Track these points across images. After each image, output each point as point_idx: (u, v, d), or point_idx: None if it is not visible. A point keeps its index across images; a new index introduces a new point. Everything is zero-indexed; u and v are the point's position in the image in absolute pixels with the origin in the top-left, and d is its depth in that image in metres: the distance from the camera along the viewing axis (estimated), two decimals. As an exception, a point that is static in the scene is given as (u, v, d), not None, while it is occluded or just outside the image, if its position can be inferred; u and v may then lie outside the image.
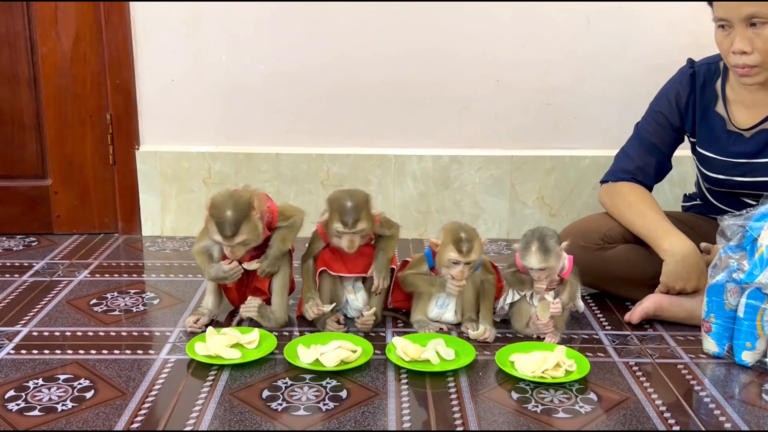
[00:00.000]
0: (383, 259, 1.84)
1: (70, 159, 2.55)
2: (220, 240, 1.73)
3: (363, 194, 1.80)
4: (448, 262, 1.77)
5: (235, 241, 1.71)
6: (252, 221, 1.73)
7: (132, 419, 1.45)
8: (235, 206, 1.71)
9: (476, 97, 2.53)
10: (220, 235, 1.71)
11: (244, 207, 1.72)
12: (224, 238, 1.71)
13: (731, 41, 1.77)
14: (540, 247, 1.73)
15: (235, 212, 1.71)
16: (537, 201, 2.59)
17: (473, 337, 1.80)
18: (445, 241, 1.77)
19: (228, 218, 1.70)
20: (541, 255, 1.73)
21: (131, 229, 2.62)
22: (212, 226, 1.73)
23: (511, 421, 1.46)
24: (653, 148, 2.03)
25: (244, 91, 2.52)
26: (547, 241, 1.74)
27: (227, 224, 1.70)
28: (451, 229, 1.79)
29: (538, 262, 1.73)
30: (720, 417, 1.49)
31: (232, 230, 1.70)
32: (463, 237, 1.76)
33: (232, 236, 1.71)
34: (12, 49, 2.46)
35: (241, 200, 1.73)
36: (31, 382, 1.59)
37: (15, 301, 2.02)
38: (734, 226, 1.70)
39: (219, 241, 1.74)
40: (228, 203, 1.72)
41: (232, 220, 1.70)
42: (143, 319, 1.93)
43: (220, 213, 1.71)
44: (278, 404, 1.51)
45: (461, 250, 1.75)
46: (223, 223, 1.70)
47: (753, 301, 1.65)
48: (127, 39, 2.46)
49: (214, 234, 1.73)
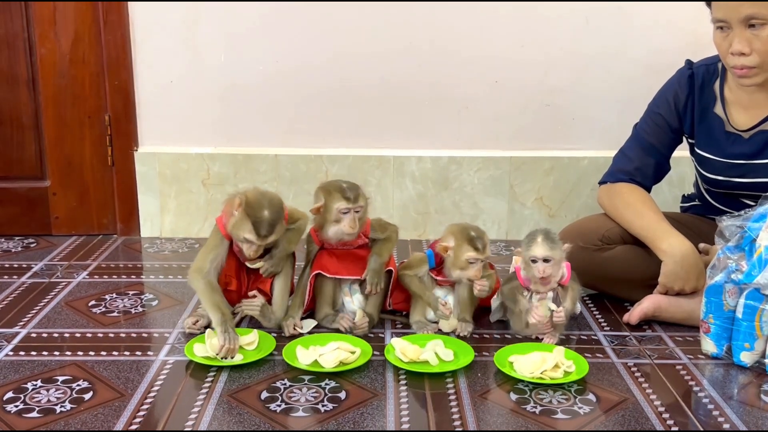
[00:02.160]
0: (375, 264, 1.83)
1: (69, 160, 2.55)
2: (252, 239, 1.71)
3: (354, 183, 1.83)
4: (465, 262, 1.76)
5: (267, 241, 1.72)
6: (282, 222, 1.75)
7: (131, 420, 1.45)
8: (271, 206, 1.72)
9: (475, 98, 2.53)
10: (255, 234, 1.71)
11: (279, 207, 1.74)
12: (258, 237, 1.71)
13: (730, 42, 1.77)
14: (546, 237, 1.75)
15: (272, 212, 1.72)
16: (536, 202, 2.59)
17: (446, 329, 1.83)
18: (458, 243, 1.77)
19: (266, 218, 1.70)
20: (547, 244, 1.74)
21: (130, 231, 2.62)
22: (245, 224, 1.71)
23: (510, 422, 1.46)
24: (652, 149, 2.03)
25: (242, 92, 2.52)
26: (551, 233, 1.77)
27: (264, 224, 1.70)
28: (460, 230, 1.78)
29: (543, 251, 1.74)
30: (719, 417, 1.49)
31: (267, 230, 1.71)
32: (475, 235, 1.76)
33: (267, 236, 1.71)
34: (11, 50, 2.46)
35: (275, 200, 1.75)
36: (29, 383, 1.59)
37: (14, 303, 2.02)
38: (733, 226, 1.71)
39: (250, 240, 1.72)
40: (264, 202, 1.72)
41: (270, 219, 1.71)
42: (142, 320, 1.93)
43: (257, 212, 1.71)
44: (277, 405, 1.51)
45: (478, 247, 1.75)
46: (260, 222, 1.70)
47: (751, 302, 1.65)
48: (126, 40, 2.46)
49: (245, 233, 1.72)
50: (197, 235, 2.59)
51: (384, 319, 1.92)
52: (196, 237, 2.59)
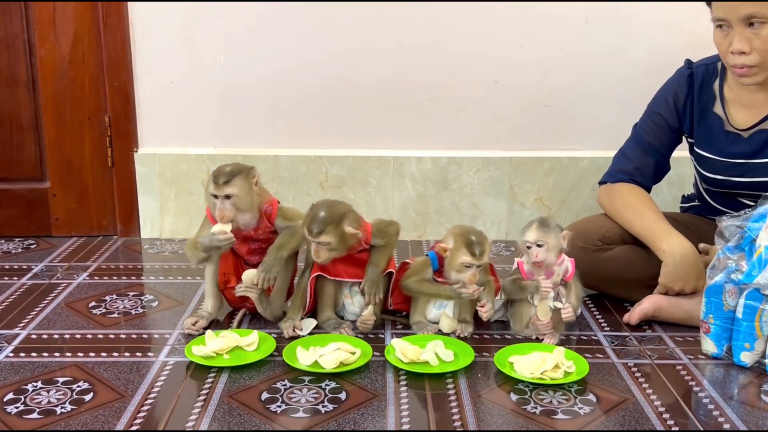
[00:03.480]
0: (372, 274, 1.82)
1: (69, 161, 2.55)
2: (211, 189, 1.77)
3: (342, 208, 1.78)
4: (460, 266, 1.76)
5: (226, 189, 1.76)
6: (248, 181, 1.80)
7: (131, 421, 1.45)
8: (229, 164, 1.81)
9: (475, 99, 2.53)
10: (213, 184, 1.76)
11: (237, 165, 1.81)
12: (216, 187, 1.76)
13: (730, 41, 1.77)
14: (540, 223, 1.78)
15: (230, 166, 1.79)
16: (536, 202, 2.59)
17: (447, 330, 1.83)
18: (456, 246, 1.77)
19: (223, 169, 1.78)
20: (541, 229, 1.76)
21: (130, 232, 2.62)
22: (210, 182, 1.78)
23: (510, 422, 1.46)
24: (651, 148, 2.03)
25: (242, 92, 2.52)
26: (548, 219, 1.80)
27: (221, 174, 1.76)
28: (461, 232, 1.78)
29: (536, 236, 1.76)
30: (719, 418, 1.49)
31: (225, 178, 1.76)
32: (474, 240, 1.76)
33: (225, 183, 1.76)
34: (10, 51, 2.46)
35: (241, 165, 1.83)
36: (30, 384, 1.59)
37: (14, 304, 2.02)
38: (732, 226, 1.71)
39: (212, 192, 1.77)
40: (222, 166, 1.81)
41: (228, 169, 1.78)
42: (142, 321, 1.93)
43: (214, 171, 1.79)
44: (277, 406, 1.51)
45: (474, 253, 1.75)
46: (217, 174, 1.77)
47: (751, 302, 1.65)
48: (126, 41, 2.46)
49: (208, 189, 1.78)
50: (197, 235, 2.59)
51: (384, 320, 1.92)
52: (196, 238, 2.59)
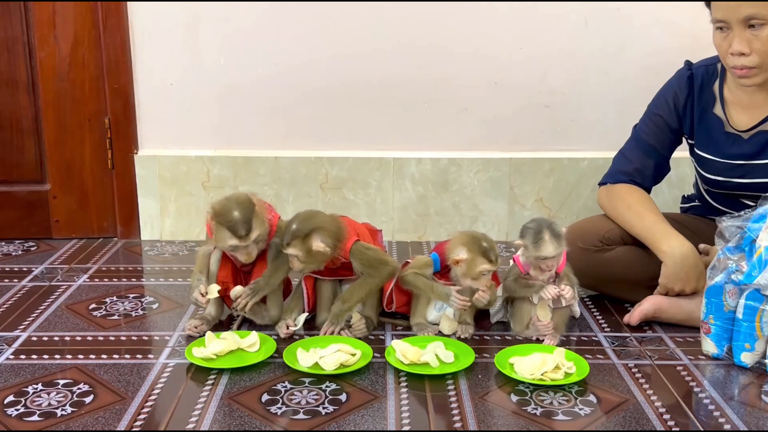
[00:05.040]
0: (337, 308, 1.79)
1: (69, 163, 2.55)
2: (235, 243, 1.71)
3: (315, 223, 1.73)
4: (478, 274, 1.76)
5: (251, 238, 1.72)
6: (259, 216, 1.74)
7: (131, 424, 1.45)
8: (239, 205, 1.72)
9: (474, 100, 2.53)
10: (235, 237, 1.71)
11: (247, 204, 1.73)
12: (240, 239, 1.71)
13: (729, 42, 1.77)
14: (552, 234, 1.75)
15: (242, 211, 1.71)
16: (536, 203, 2.59)
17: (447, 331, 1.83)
18: (472, 255, 1.75)
19: (237, 218, 1.70)
20: (555, 242, 1.75)
21: (130, 234, 2.62)
22: (222, 233, 1.71)
23: (511, 423, 1.46)
24: (651, 150, 2.03)
25: (242, 94, 2.52)
26: (555, 227, 1.77)
27: (239, 224, 1.70)
28: (471, 241, 1.77)
29: (554, 249, 1.74)
30: (719, 418, 1.49)
31: (245, 228, 1.70)
32: (487, 246, 1.76)
33: (247, 234, 1.71)
34: (10, 54, 2.46)
35: (241, 199, 1.74)
36: (30, 387, 1.59)
37: (14, 306, 2.02)
38: (733, 227, 1.71)
39: (234, 245, 1.72)
40: (230, 205, 1.72)
41: (242, 218, 1.70)
42: (142, 323, 1.93)
43: (228, 217, 1.71)
44: (278, 408, 1.51)
45: (491, 259, 1.75)
46: (234, 224, 1.70)
47: (752, 303, 1.65)
48: (126, 43, 2.46)
49: (227, 240, 1.71)
50: (197, 237, 2.59)
51: (384, 322, 1.92)
52: (197, 240, 2.59)
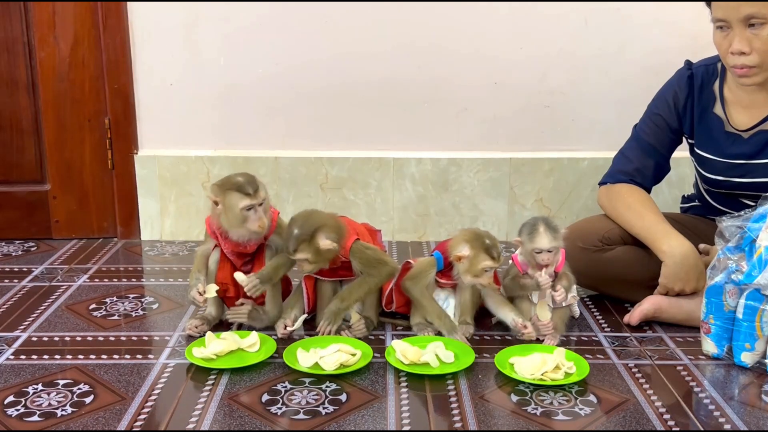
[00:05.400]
0: (334, 306, 1.80)
1: (69, 164, 2.55)
2: (247, 202, 1.74)
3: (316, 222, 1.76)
4: (481, 271, 1.76)
5: (260, 196, 1.76)
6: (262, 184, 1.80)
7: (132, 424, 1.45)
8: (240, 174, 1.79)
9: (474, 100, 2.54)
10: (245, 196, 1.74)
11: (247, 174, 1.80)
12: (250, 197, 1.74)
13: (730, 42, 1.77)
14: (547, 227, 1.76)
15: (244, 175, 1.78)
16: (536, 203, 2.59)
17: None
18: (474, 252, 1.76)
19: (243, 179, 1.76)
20: (550, 234, 1.76)
21: (130, 234, 2.62)
22: (231, 197, 1.75)
23: (511, 423, 1.46)
24: (651, 149, 2.03)
25: (242, 94, 2.52)
26: (551, 221, 1.79)
27: (245, 184, 1.75)
28: (474, 238, 1.77)
29: (549, 242, 1.75)
30: (719, 418, 1.49)
31: (253, 187, 1.75)
32: (490, 243, 1.76)
33: (256, 191, 1.75)
34: (10, 54, 2.46)
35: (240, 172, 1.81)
36: (30, 387, 1.59)
37: (14, 307, 2.02)
38: (733, 227, 1.71)
39: (247, 204, 1.74)
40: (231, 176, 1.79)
41: (248, 179, 1.76)
42: (142, 323, 1.93)
43: (232, 181, 1.77)
44: (278, 408, 1.51)
45: (494, 256, 1.76)
46: (241, 185, 1.75)
47: (752, 302, 1.65)
48: (125, 43, 2.46)
49: (238, 202, 1.74)
50: (197, 237, 2.59)
51: (384, 322, 1.92)
52: (196, 240, 2.59)
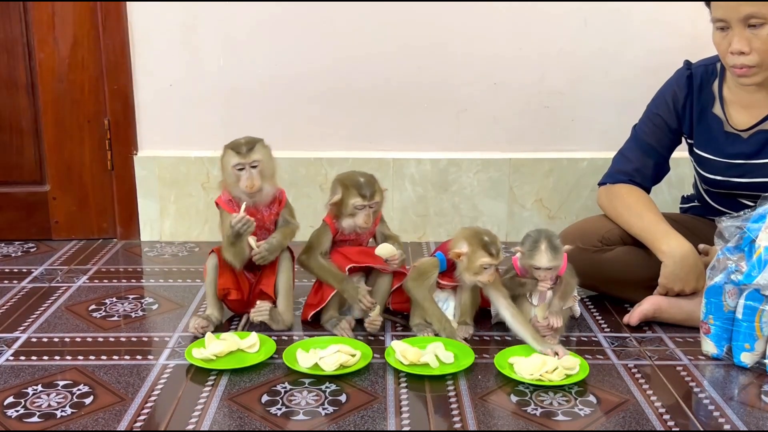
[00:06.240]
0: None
1: (69, 164, 2.55)
2: (237, 159, 1.79)
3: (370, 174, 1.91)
4: (479, 268, 1.76)
5: (251, 156, 1.79)
6: (262, 143, 1.84)
7: (131, 424, 1.45)
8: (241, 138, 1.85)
9: (474, 100, 2.54)
10: (237, 155, 1.80)
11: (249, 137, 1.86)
12: (241, 155, 1.79)
13: (729, 42, 1.77)
14: (549, 245, 1.75)
15: (244, 138, 1.84)
16: (535, 203, 2.59)
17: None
18: (473, 249, 1.76)
19: (240, 141, 1.82)
20: (551, 253, 1.75)
21: (130, 235, 2.62)
22: (226, 155, 1.82)
23: (511, 423, 1.46)
24: (651, 149, 2.03)
25: (242, 95, 2.52)
26: (554, 240, 1.77)
27: (241, 145, 1.81)
28: (473, 235, 1.78)
29: (548, 261, 1.75)
30: (719, 418, 1.49)
31: (247, 146, 1.80)
32: (488, 240, 1.76)
33: (249, 151, 1.80)
34: (10, 55, 2.46)
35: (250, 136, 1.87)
36: (30, 388, 1.59)
37: (14, 308, 2.02)
38: (732, 227, 1.71)
39: (236, 163, 1.79)
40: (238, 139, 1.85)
41: (244, 140, 1.82)
42: (142, 324, 1.93)
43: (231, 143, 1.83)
44: (277, 409, 1.51)
45: (492, 253, 1.75)
46: (236, 145, 1.81)
47: (751, 303, 1.65)
48: (125, 44, 2.46)
49: (230, 160, 1.80)
50: (197, 238, 2.59)
51: (384, 322, 1.92)
52: (196, 240, 2.59)
